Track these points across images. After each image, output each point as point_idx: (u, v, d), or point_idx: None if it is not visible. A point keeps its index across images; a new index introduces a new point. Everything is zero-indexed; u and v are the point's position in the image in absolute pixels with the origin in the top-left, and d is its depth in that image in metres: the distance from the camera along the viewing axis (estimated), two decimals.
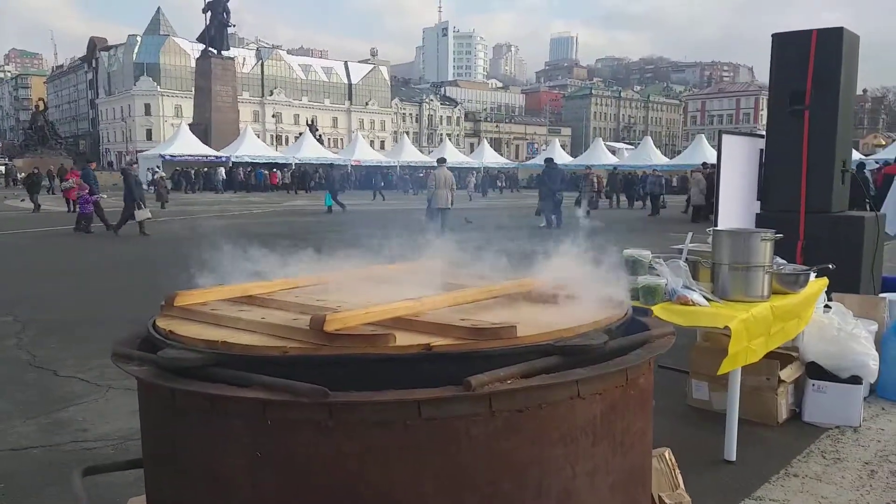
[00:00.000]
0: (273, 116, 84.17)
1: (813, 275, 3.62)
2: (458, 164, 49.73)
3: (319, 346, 1.29)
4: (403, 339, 1.31)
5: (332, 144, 79.66)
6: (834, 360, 3.85)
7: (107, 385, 4.47)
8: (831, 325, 3.94)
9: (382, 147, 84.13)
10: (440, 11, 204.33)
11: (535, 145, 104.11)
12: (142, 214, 14.51)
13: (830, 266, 3.65)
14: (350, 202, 23.61)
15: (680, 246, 3.74)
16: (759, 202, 5.27)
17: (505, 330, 1.30)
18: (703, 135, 51.95)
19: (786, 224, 4.53)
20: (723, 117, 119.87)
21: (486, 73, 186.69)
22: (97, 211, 15.42)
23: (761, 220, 5.01)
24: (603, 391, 1.32)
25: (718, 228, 3.67)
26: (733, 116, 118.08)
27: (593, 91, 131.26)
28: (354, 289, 1.76)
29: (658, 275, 3.27)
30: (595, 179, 26.36)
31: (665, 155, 55.82)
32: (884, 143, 37.40)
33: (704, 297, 3.25)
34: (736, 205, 5.18)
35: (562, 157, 48.28)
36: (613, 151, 54.84)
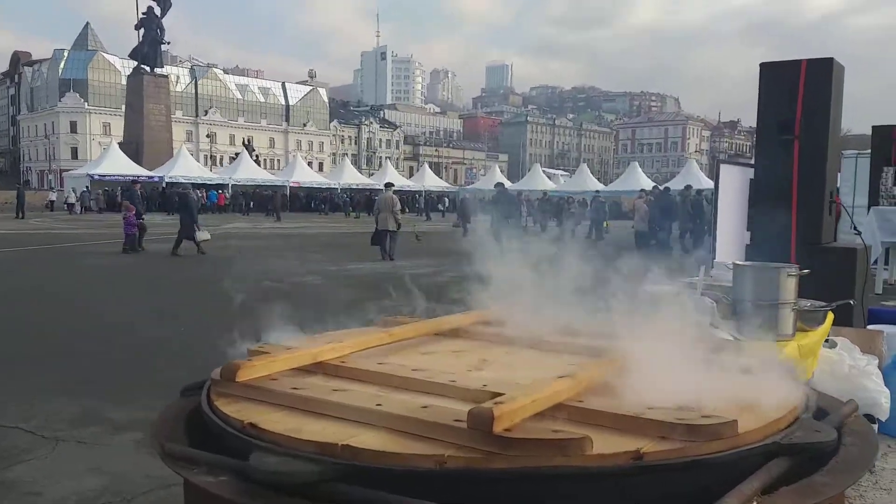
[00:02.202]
0: (207, 136, 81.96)
1: None
2: (400, 186, 49.66)
3: (489, 454, 0.95)
4: (600, 444, 0.98)
5: (268, 165, 78.18)
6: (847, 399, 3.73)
7: (54, 437, 3.95)
8: (842, 362, 3.83)
9: (321, 169, 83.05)
10: (378, 36, 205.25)
11: (474, 170, 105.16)
12: (201, 236, 15.14)
13: (852, 302, 3.53)
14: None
15: (692, 279, 3.57)
16: (748, 233, 5.19)
17: (725, 426, 0.98)
18: (636, 162, 53.53)
19: (777, 255, 4.42)
20: (652, 145, 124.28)
21: (424, 98, 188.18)
22: (141, 233, 15.78)
23: (751, 251, 4.92)
24: (831, 500, 1.01)
25: (740, 263, 3.49)
26: (662, 144, 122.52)
27: (529, 118, 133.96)
28: (438, 349, 1.43)
29: None
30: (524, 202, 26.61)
31: (599, 181, 57.13)
32: None
33: (733, 336, 3.07)
34: (727, 235, 5.09)
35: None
36: (550, 177, 55.85)
